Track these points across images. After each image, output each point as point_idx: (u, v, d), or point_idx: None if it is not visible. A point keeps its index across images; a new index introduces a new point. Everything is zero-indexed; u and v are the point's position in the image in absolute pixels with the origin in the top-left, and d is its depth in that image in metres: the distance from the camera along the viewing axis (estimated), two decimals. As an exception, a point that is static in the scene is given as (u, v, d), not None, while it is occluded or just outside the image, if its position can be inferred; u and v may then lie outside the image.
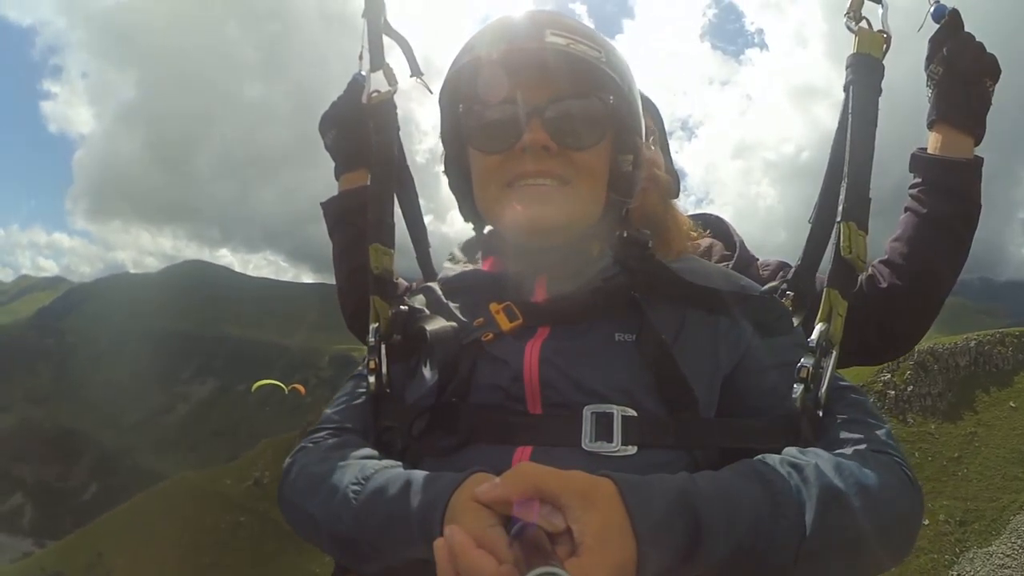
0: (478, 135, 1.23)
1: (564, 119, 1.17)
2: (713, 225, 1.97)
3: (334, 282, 1.95)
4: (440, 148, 1.39)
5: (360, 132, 1.71)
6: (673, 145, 2.18)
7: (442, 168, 1.39)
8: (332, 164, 1.90)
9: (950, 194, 1.48)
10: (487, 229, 1.39)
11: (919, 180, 1.52)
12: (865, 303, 1.51)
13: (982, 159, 1.49)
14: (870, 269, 1.57)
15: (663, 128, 1.93)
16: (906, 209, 1.55)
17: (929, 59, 1.53)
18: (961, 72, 1.48)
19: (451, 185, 1.38)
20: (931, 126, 1.52)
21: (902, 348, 1.63)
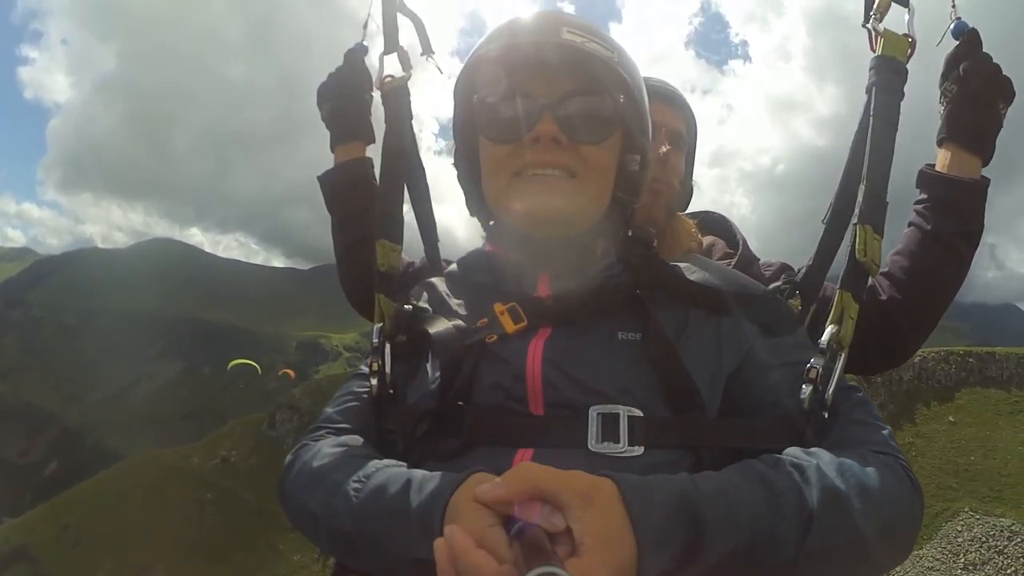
0: (491, 125, 1.23)
1: (576, 114, 1.18)
2: (716, 223, 2.00)
3: (304, 267, 2.21)
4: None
5: (357, 104, 1.72)
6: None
7: (452, 161, 1.39)
8: (310, 148, 2.32)
9: (954, 212, 1.48)
10: (491, 223, 1.38)
11: (924, 196, 1.52)
12: (865, 313, 1.48)
13: (988, 180, 1.47)
14: (870, 280, 1.55)
15: (695, 143, 1.93)
16: (910, 224, 1.56)
17: (944, 76, 1.51)
18: (975, 93, 1.45)
19: (459, 177, 1.38)
20: (940, 143, 1.50)
21: (898, 359, 1.63)
